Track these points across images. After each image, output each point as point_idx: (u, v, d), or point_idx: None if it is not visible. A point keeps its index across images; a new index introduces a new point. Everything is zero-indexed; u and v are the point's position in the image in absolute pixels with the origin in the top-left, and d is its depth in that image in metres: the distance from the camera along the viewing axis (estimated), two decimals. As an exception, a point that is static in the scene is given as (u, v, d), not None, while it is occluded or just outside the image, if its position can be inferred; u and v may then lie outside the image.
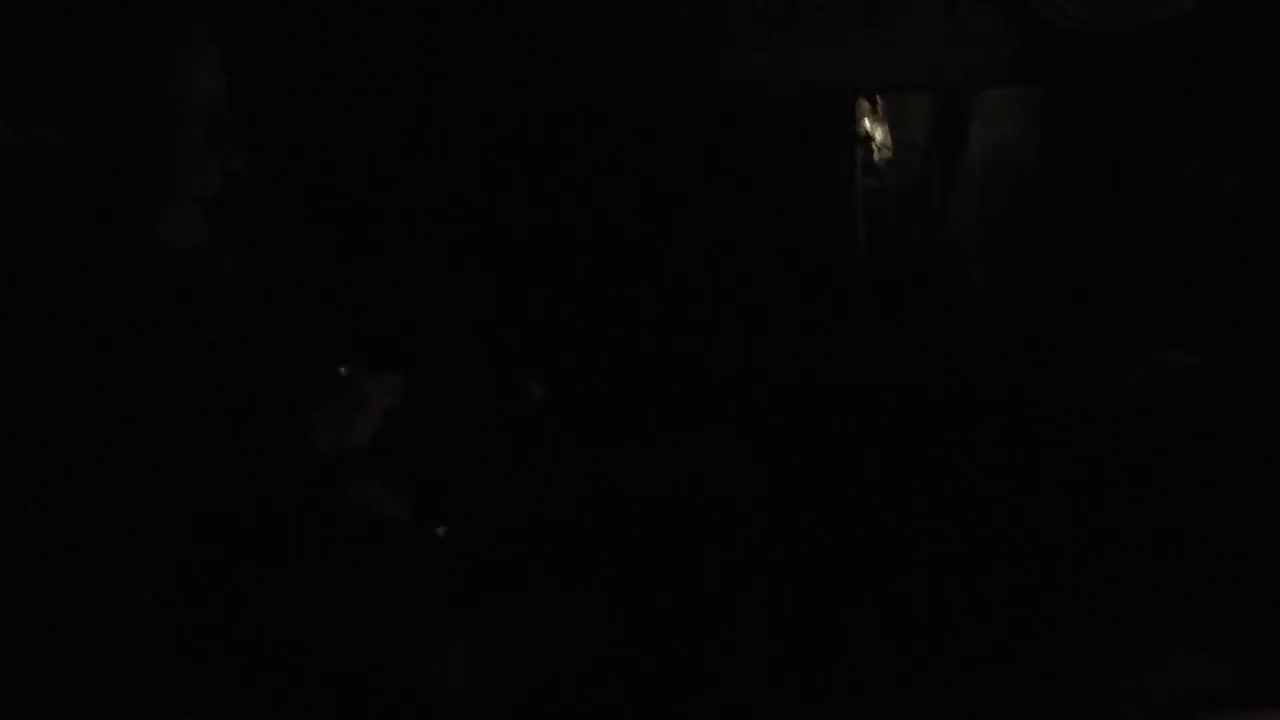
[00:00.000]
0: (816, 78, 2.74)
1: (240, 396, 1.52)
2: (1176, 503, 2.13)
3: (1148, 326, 2.18)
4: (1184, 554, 2.12)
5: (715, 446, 2.04)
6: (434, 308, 2.32)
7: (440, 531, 1.81)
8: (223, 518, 1.49)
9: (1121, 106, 2.44)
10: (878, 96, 2.72)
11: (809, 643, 2.17)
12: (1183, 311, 2.14)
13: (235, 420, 1.49)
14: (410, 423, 1.68)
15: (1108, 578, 2.17)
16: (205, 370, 1.49)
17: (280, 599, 1.52)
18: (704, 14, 2.72)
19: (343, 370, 1.63)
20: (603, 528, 1.93)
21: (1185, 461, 2.13)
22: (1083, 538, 2.20)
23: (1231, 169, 2.20)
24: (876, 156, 2.69)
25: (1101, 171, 2.45)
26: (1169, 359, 2.19)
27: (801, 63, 2.74)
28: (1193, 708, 2.07)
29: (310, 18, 2.43)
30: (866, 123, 2.69)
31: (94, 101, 1.47)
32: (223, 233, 1.64)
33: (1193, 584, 2.12)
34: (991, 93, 2.78)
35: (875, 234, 2.71)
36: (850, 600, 2.28)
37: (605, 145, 2.68)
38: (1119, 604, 2.16)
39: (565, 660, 1.88)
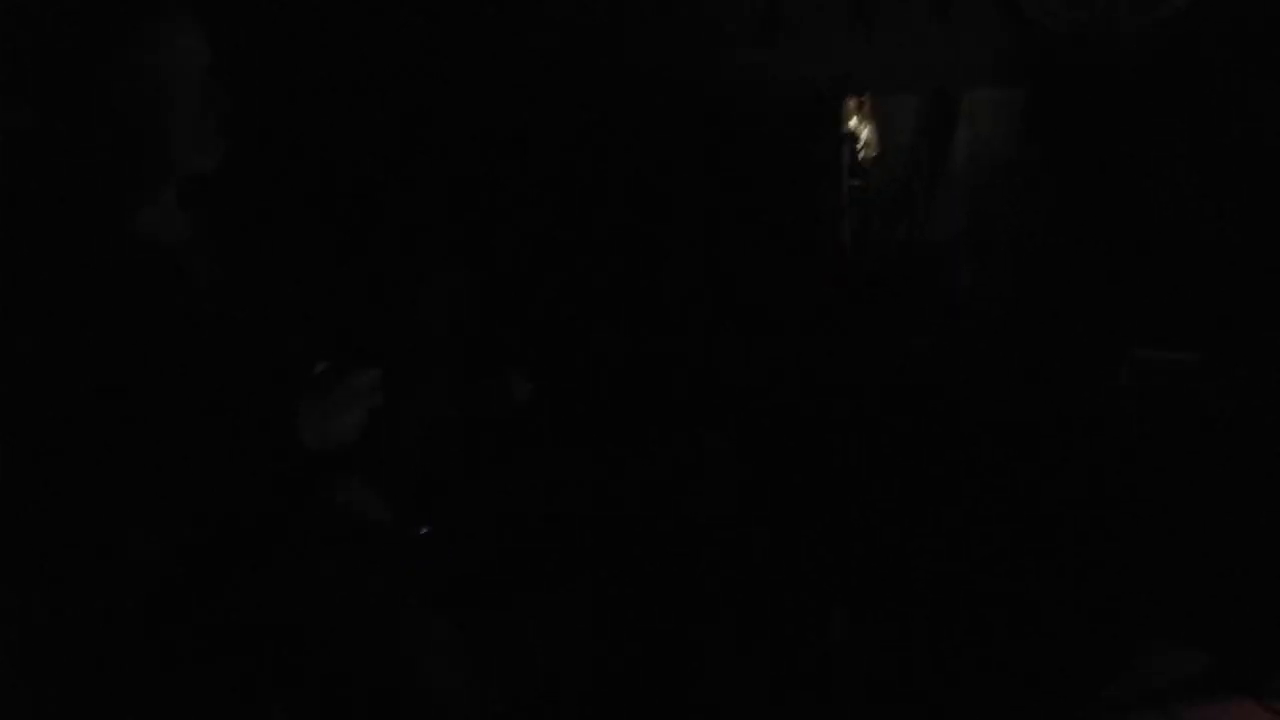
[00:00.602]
0: (804, 77, 2.74)
1: (223, 393, 1.50)
2: (1158, 500, 2.13)
3: (1133, 326, 2.17)
4: (1166, 550, 2.12)
5: (701, 446, 2.04)
6: (419, 304, 2.31)
7: (424, 531, 1.79)
8: (208, 516, 1.47)
9: (1106, 108, 2.45)
10: (865, 96, 2.72)
11: (795, 643, 2.17)
12: (1168, 311, 2.14)
13: (218, 417, 1.47)
14: (394, 421, 1.66)
15: (1091, 573, 2.17)
16: (187, 366, 1.47)
17: (264, 598, 1.50)
18: (693, 14, 2.72)
19: (324, 367, 1.61)
20: (588, 527, 1.92)
21: (1170, 460, 2.13)
22: (1067, 535, 2.21)
23: (1216, 170, 2.20)
24: (863, 156, 2.69)
25: (1086, 172, 2.45)
26: (1154, 358, 2.19)
27: (789, 62, 2.74)
28: (1171, 700, 2.07)
29: (294, 9, 2.42)
30: (854, 122, 2.68)
31: (67, 81, 1.44)
32: (204, 226, 1.62)
33: (1174, 580, 2.12)
34: (978, 93, 2.78)
35: (861, 233, 2.70)
36: (836, 599, 2.27)
37: (593, 143, 2.68)
38: (1102, 598, 2.16)
39: (555, 661, 1.87)
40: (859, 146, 2.69)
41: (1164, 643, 2.16)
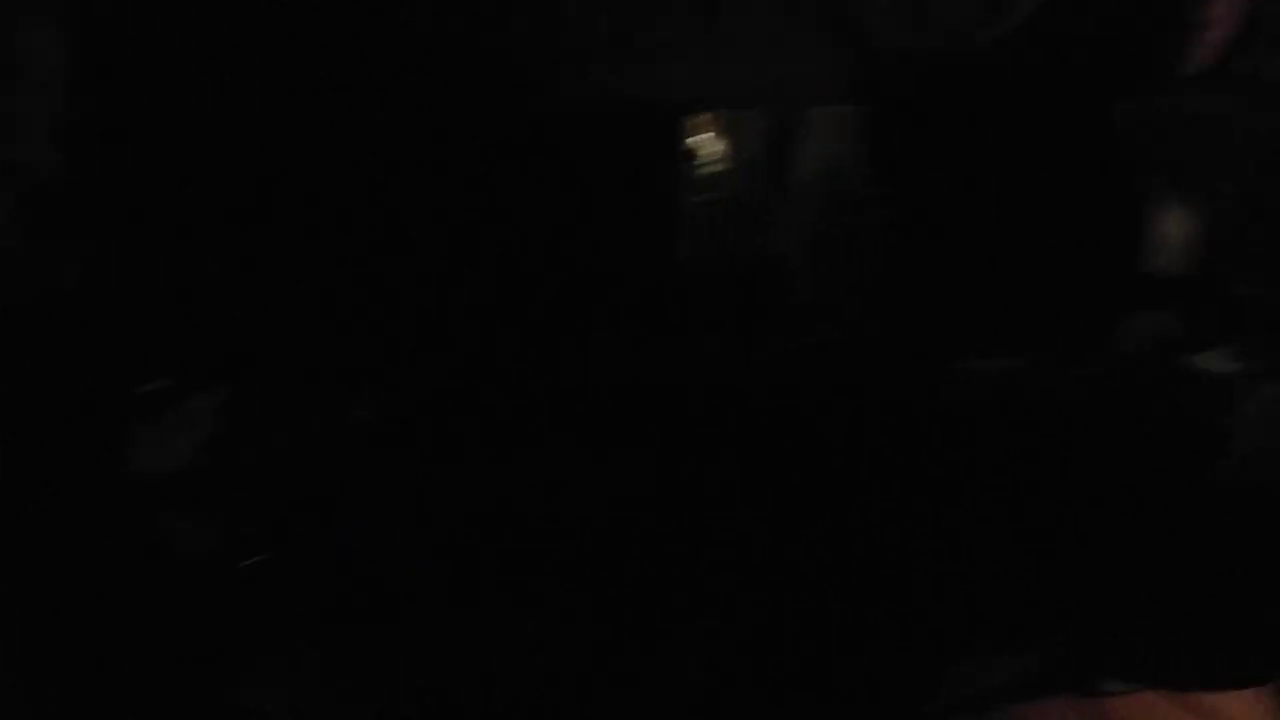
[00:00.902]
0: (650, 91, 2.76)
1: (46, 412, 1.44)
2: (984, 504, 2.20)
3: (973, 336, 2.25)
4: (993, 555, 2.19)
5: (548, 460, 2.04)
6: (263, 318, 2.26)
7: (255, 560, 1.75)
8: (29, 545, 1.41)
9: (946, 123, 2.52)
10: (709, 111, 2.75)
11: (640, 653, 2.20)
12: (1006, 321, 2.21)
13: (41, 438, 1.42)
14: (234, 443, 1.62)
15: (920, 580, 2.24)
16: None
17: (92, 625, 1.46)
18: (534, 26, 2.71)
19: (159, 385, 1.56)
20: (440, 547, 1.91)
21: (996, 464, 2.21)
22: (896, 541, 2.27)
23: (1052, 180, 2.28)
24: (707, 170, 2.72)
25: (926, 188, 2.52)
26: (991, 367, 2.26)
27: (635, 76, 2.75)
28: (998, 703, 2.16)
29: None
30: (697, 137, 2.71)
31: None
32: (31, 231, 1.55)
33: (998, 584, 2.20)
34: (821, 110, 2.84)
35: (705, 247, 2.73)
36: (681, 612, 2.30)
37: (432, 156, 2.65)
38: (930, 606, 2.23)
39: (407, 689, 1.85)
40: (704, 160, 2.72)
41: (990, 646, 2.24)
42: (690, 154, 2.73)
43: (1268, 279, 2.07)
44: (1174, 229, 2.00)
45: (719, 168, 2.74)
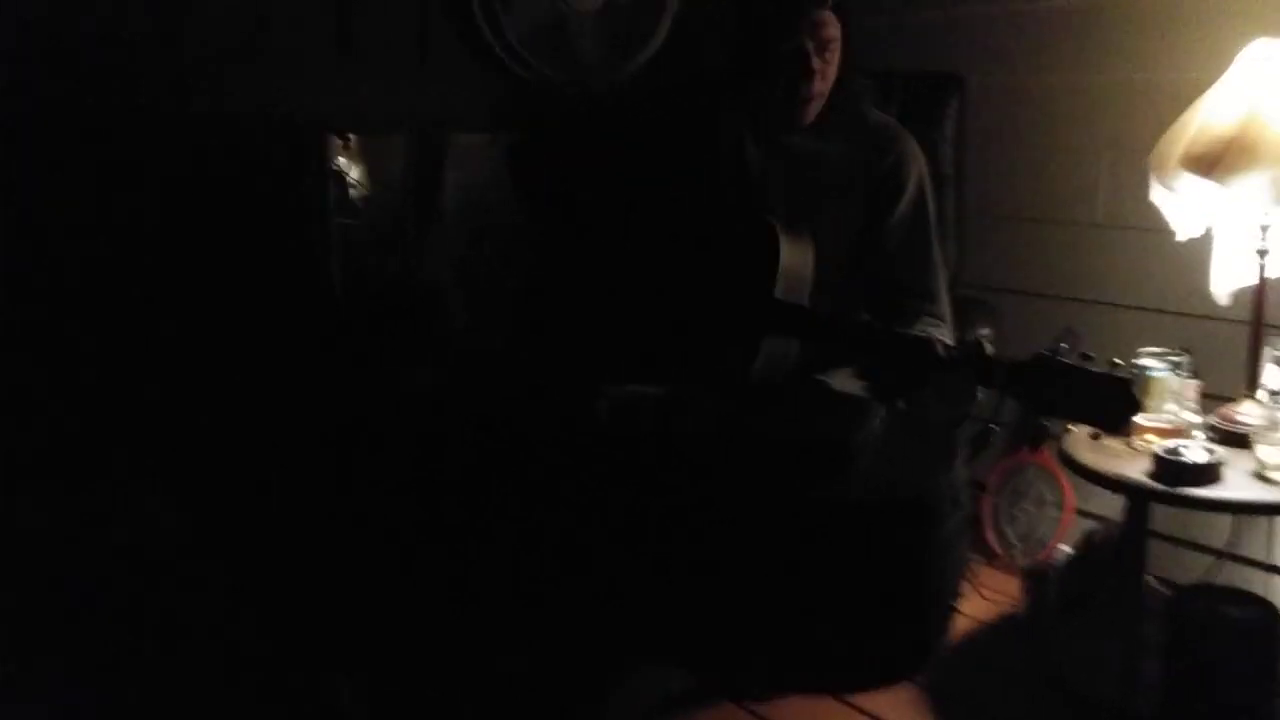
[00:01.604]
0: (286, 111, 2.68)
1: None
2: (633, 524, 2.27)
3: (618, 361, 2.31)
4: (645, 572, 2.27)
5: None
6: None
7: None
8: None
9: (582, 152, 2.59)
10: (350, 134, 2.70)
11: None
12: (649, 346, 2.29)
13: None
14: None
15: (578, 597, 2.29)
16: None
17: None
18: (168, 40, 2.58)
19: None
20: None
21: (642, 486, 2.28)
22: (555, 561, 2.30)
23: (684, 208, 2.38)
24: (352, 193, 2.68)
25: (562, 214, 2.58)
26: (632, 393, 2.33)
27: (270, 95, 2.67)
28: (659, 716, 2.23)
29: None
30: (341, 160, 2.66)
31: None
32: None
33: (652, 600, 2.28)
34: (463, 136, 2.85)
35: (350, 272, 2.68)
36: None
37: (71, 173, 2.48)
38: (591, 623, 2.29)
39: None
40: (348, 184, 2.68)
41: (647, 660, 2.32)
42: (328, 176, 2.67)
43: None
44: (797, 258, 2.12)
45: (361, 192, 2.70)
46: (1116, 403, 1.73)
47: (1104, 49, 2.71)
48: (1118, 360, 1.79)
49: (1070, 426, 2.26)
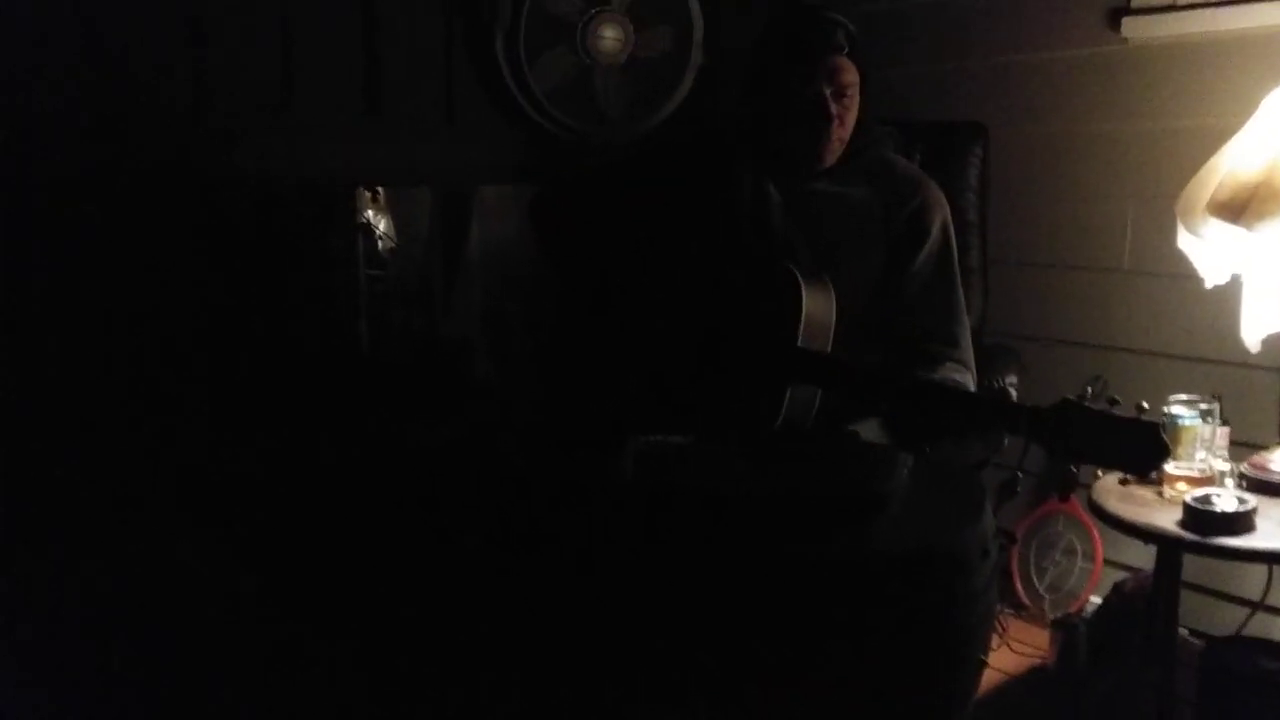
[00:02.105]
0: (317, 166, 2.72)
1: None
2: (655, 567, 2.26)
3: (642, 414, 2.31)
4: (661, 613, 2.26)
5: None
6: None
7: None
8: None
9: (600, 204, 2.61)
10: (379, 187, 2.73)
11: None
12: (672, 399, 2.29)
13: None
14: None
15: (590, 639, 2.27)
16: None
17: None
18: (197, 98, 2.63)
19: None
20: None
21: (667, 531, 2.28)
22: (573, 603, 2.30)
23: (706, 260, 2.39)
24: (380, 246, 2.70)
25: (585, 265, 2.59)
26: (657, 443, 2.33)
27: (301, 151, 2.71)
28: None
29: None
30: (370, 213, 2.69)
31: None
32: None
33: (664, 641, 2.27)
34: (489, 189, 2.88)
35: (379, 325, 2.70)
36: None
37: (102, 227, 2.52)
38: (601, 663, 2.27)
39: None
40: (376, 235, 2.71)
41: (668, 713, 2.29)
42: (358, 230, 2.70)
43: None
44: (820, 306, 2.12)
45: (388, 245, 2.73)
46: (1145, 447, 1.71)
47: (1128, 96, 2.71)
48: (1144, 404, 1.77)
49: (1099, 472, 2.24)
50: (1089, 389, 2.65)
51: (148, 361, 2.59)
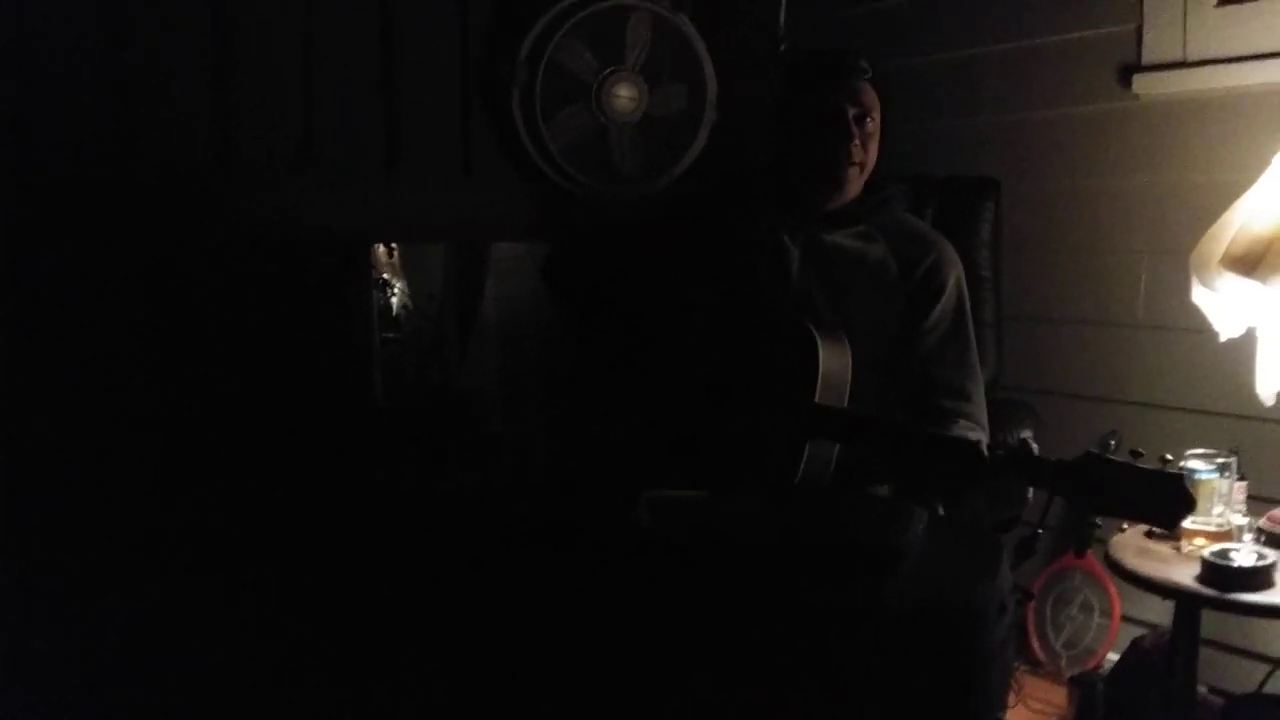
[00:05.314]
0: (333, 222, 2.74)
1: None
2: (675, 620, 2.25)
3: (657, 468, 2.31)
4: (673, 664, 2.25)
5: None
6: None
7: None
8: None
9: (614, 260, 2.62)
10: (394, 244, 2.76)
11: None
12: (688, 454, 2.29)
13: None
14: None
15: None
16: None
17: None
18: (220, 152, 2.66)
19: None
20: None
21: (684, 585, 2.27)
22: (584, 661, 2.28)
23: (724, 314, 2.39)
24: (395, 302, 2.72)
25: (600, 322, 2.60)
26: (673, 498, 2.32)
27: (318, 207, 2.73)
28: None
29: None
30: (385, 269, 2.71)
31: None
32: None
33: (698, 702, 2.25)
34: (503, 246, 2.90)
35: (393, 379, 2.72)
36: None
37: (118, 279, 2.55)
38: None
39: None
40: (391, 293, 2.72)
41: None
42: (372, 285, 2.72)
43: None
44: (837, 362, 2.13)
45: (403, 300, 2.74)
46: (1171, 499, 1.70)
47: (1140, 152, 2.73)
48: (1168, 456, 1.77)
49: (1124, 525, 2.23)
50: (1111, 443, 2.65)
51: (159, 404, 2.61)
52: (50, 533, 2.47)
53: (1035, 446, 1.94)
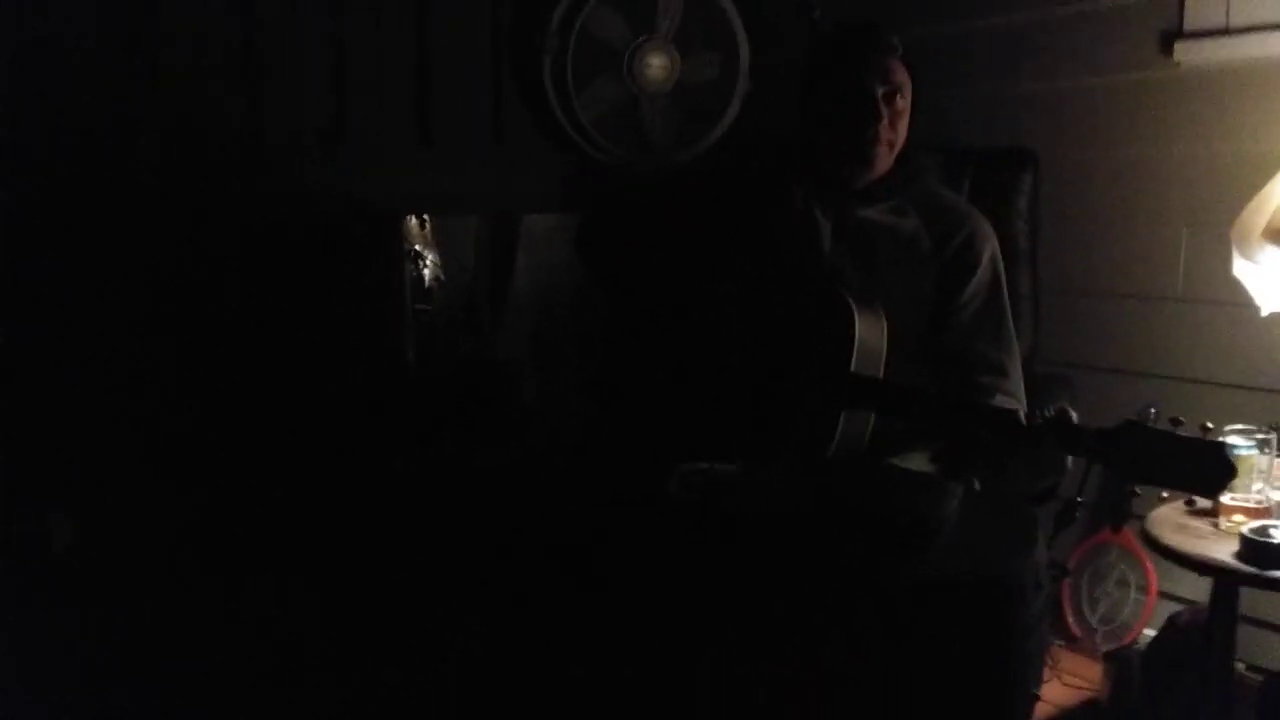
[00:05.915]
0: (366, 194, 2.74)
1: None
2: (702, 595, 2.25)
3: (691, 440, 2.30)
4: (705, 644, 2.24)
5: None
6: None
7: None
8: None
9: (647, 230, 2.61)
10: (426, 216, 2.75)
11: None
12: (722, 424, 2.28)
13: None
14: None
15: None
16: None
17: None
18: (251, 124, 2.67)
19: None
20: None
21: (713, 559, 2.26)
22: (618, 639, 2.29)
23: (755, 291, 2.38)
24: (428, 274, 2.72)
25: (633, 292, 2.59)
26: (707, 470, 2.32)
27: (351, 178, 2.73)
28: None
29: None
30: (417, 240, 2.71)
31: None
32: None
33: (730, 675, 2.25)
34: (535, 217, 2.88)
35: (426, 351, 2.72)
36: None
37: (150, 250, 2.56)
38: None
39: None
40: (424, 264, 2.72)
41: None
42: (405, 256, 2.72)
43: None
44: (873, 332, 2.11)
45: (436, 271, 2.74)
46: (1213, 468, 1.68)
47: (1181, 121, 2.69)
48: (1209, 424, 1.75)
49: (1163, 494, 2.20)
50: (1150, 416, 2.62)
51: (190, 379, 2.62)
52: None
53: (1074, 414, 1.92)
